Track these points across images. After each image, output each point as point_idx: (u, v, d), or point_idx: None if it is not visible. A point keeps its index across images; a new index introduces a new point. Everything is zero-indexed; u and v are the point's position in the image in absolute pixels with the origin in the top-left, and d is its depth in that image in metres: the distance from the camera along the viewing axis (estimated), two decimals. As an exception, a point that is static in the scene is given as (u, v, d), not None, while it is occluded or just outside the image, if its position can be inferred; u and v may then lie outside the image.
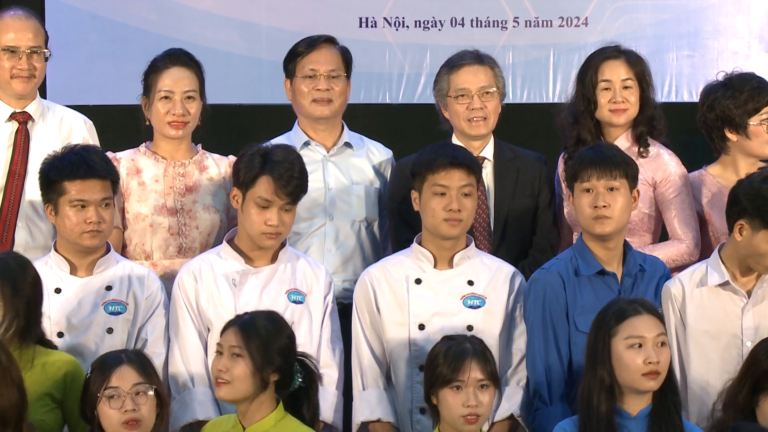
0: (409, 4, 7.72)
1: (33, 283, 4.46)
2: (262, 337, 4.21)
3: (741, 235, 4.61)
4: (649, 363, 4.18)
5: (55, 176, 4.72)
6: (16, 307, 4.35)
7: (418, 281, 4.76)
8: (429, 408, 4.39)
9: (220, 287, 4.77)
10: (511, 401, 4.65)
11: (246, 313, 4.32)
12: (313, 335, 4.78)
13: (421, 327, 4.71)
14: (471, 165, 4.77)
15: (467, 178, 4.72)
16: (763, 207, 4.60)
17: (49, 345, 4.53)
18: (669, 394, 4.25)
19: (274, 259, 4.79)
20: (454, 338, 4.41)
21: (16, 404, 4.01)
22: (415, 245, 4.81)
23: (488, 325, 4.68)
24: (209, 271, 4.80)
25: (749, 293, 4.65)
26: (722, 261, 4.70)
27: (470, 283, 4.75)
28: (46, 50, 5.39)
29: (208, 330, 4.71)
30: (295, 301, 4.77)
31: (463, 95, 5.30)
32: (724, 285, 4.65)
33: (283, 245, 4.83)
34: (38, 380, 4.37)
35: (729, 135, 5.29)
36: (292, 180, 4.71)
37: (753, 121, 5.26)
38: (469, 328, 4.65)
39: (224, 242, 4.86)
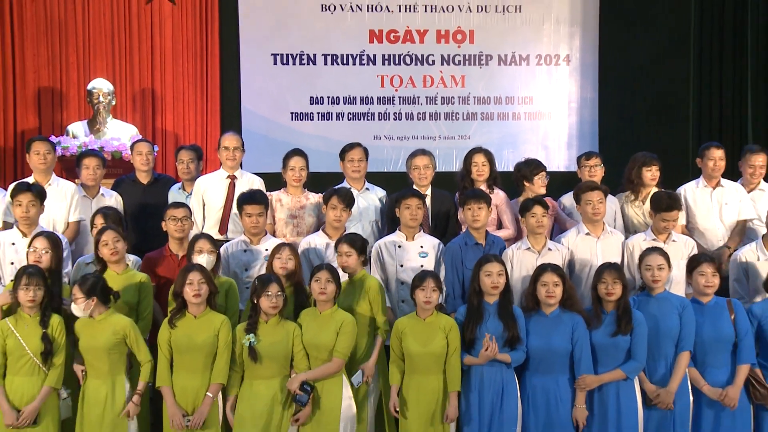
0: (396, 129, 7.62)
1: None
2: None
3: (527, 223, 4.59)
4: (493, 283, 4.08)
5: (239, 203, 4.65)
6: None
7: (399, 246, 4.60)
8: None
9: (318, 248, 4.61)
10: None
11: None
12: None
13: (401, 266, 4.56)
14: (421, 196, 4.66)
15: (418, 202, 4.60)
16: (524, 209, 4.54)
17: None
18: (507, 295, 4.11)
19: None
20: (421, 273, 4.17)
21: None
22: (398, 231, 4.68)
23: (429, 266, 4.52)
24: (314, 242, 4.63)
25: (540, 252, 4.52)
26: (527, 238, 4.59)
27: (421, 246, 4.60)
28: (242, 149, 5.34)
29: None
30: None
31: (415, 169, 5.19)
32: (528, 249, 4.53)
33: (345, 230, 4.65)
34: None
35: (525, 184, 5.22)
36: (346, 198, 4.61)
37: (536, 178, 5.19)
38: (422, 266, 4.49)
39: (320, 229, 4.71)
